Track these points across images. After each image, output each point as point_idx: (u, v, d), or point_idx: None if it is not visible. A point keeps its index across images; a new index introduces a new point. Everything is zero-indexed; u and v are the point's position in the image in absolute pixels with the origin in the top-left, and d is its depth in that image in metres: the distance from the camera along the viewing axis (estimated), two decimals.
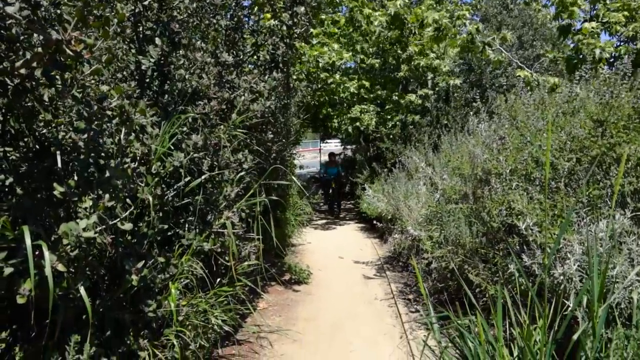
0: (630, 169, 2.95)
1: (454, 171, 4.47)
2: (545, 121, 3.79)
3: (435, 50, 10.32)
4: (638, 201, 2.90)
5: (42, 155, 2.26)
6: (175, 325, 2.87)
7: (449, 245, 3.96)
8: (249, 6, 4.70)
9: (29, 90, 2.01)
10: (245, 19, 4.62)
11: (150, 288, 2.72)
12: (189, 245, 3.18)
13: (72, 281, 2.01)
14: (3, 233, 1.87)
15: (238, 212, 3.55)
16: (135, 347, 2.65)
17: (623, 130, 3.01)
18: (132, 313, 2.68)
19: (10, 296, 1.96)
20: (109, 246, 2.18)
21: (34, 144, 2.31)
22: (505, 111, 4.36)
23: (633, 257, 2.68)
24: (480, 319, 1.93)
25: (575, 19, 6.10)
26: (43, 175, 2.24)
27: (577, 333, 1.77)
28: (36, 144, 2.30)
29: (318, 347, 4.02)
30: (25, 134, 2.31)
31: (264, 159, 4.65)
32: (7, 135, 2.35)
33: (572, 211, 2.86)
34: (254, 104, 3.91)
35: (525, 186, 3.23)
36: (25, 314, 2.15)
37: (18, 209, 2.09)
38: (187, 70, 3.41)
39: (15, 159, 2.28)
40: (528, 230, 2.90)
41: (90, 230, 1.94)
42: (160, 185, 2.97)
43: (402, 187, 7.14)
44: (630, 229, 2.75)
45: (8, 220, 1.89)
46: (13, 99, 1.97)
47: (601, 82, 4.00)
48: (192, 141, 3.00)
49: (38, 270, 1.93)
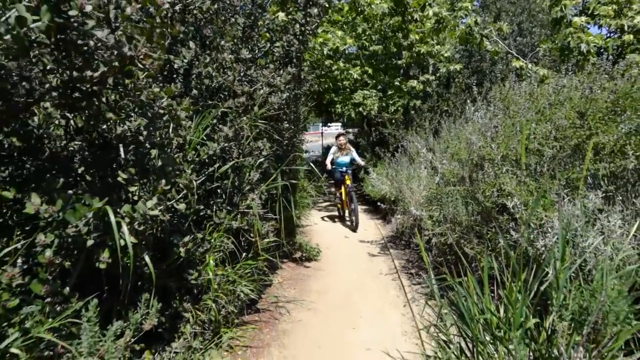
0: (605, 156, 3.39)
1: (452, 156, 4.90)
2: (533, 112, 4.21)
3: (435, 37, 10.63)
4: (610, 183, 3.34)
5: (105, 148, 2.70)
6: (212, 291, 3.34)
7: (447, 223, 4.42)
8: (264, 4, 5.07)
9: (97, 94, 2.44)
10: (260, 15, 4.99)
11: (191, 259, 3.18)
12: (220, 224, 3.63)
13: (139, 251, 2.46)
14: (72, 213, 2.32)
15: (259, 194, 4.01)
16: (181, 309, 3.13)
17: (600, 121, 3.44)
18: (176, 281, 3.14)
19: (88, 265, 2.42)
20: (167, 223, 2.63)
21: (97, 138, 2.74)
22: (499, 101, 4.77)
23: (604, 230, 3.13)
24: (470, 277, 2.39)
25: (568, 10, 6.47)
26: (107, 164, 2.68)
27: (544, 285, 2.23)
28: (99, 139, 2.74)
29: (330, 314, 4.50)
30: (89, 130, 2.75)
31: (279, 145, 5.08)
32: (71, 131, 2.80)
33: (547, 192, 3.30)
34: (271, 96, 4.33)
35: (514, 170, 3.67)
36: (98, 279, 2.62)
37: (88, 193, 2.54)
38: (215, 69, 3.82)
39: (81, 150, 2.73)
40: (515, 208, 3.35)
41: (154, 210, 2.39)
42: (194, 171, 3.41)
43: (404, 170, 7.57)
44: (602, 207, 3.19)
45: (82, 203, 2.33)
46: (87, 101, 2.40)
47: (585, 75, 4.43)
48: (224, 133, 3.44)
49: (110, 243, 2.39)
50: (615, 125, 3.32)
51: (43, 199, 2.06)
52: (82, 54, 2.11)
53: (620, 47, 6.08)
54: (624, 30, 5.86)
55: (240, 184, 3.85)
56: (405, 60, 11.03)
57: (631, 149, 3.18)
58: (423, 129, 9.09)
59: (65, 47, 1.94)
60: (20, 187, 2.38)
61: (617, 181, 3.35)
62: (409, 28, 10.71)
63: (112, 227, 2.23)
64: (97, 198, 2.13)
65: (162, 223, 2.65)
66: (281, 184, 4.35)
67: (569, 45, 6.06)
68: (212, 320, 3.41)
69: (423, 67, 11.51)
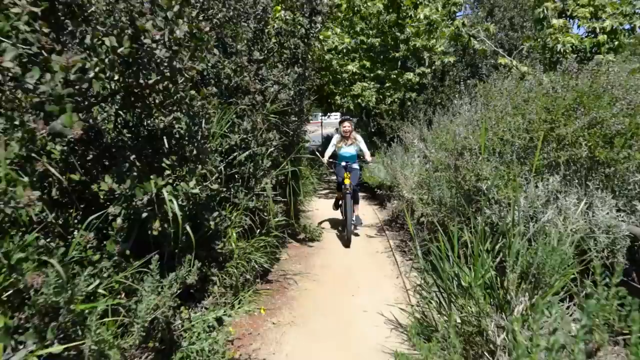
0: (565, 145, 4.01)
1: (441, 146, 5.52)
2: (511, 107, 4.82)
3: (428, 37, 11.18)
4: (568, 169, 3.97)
5: (152, 139, 3.31)
6: (235, 260, 3.98)
7: (434, 204, 5.05)
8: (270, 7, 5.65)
9: (148, 96, 3.05)
10: (269, 18, 5.57)
11: (218, 232, 3.81)
12: (239, 204, 4.26)
13: (182, 221, 3.08)
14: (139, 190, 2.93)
15: (271, 179, 4.63)
16: (209, 273, 3.77)
17: (562, 116, 4.05)
18: (205, 250, 3.77)
19: (140, 233, 3.04)
20: (204, 199, 3.25)
21: (144, 131, 3.36)
22: (482, 98, 5.38)
23: (561, 208, 3.76)
24: (442, 242, 3.03)
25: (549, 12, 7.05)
26: (153, 153, 3.29)
27: (498, 245, 2.87)
28: (146, 132, 3.35)
29: (333, 284, 5.15)
30: (138, 125, 3.36)
31: (286, 136, 5.70)
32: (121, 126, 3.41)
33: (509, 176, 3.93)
34: (281, 93, 4.94)
35: (489, 158, 4.29)
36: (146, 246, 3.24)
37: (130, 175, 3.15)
38: (232, 70, 4.42)
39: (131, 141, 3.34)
40: (489, 190, 3.98)
41: (195, 189, 3.01)
42: (217, 159, 4.03)
43: (399, 159, 8.21)
44: (560, 189, 3.82)
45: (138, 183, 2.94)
46: (141, 102, 3.01)
47: (559, 74, 5.04)
48: (244, 126, 4.06)
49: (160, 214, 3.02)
50: (573, 120, 3.93)
51: (114, 180, 2.68)
52: (144, 67, 2.72)
53: (596, 47, 6.67)
54: (597, 31, 6.47)
55: (255, 170, 4.47)
56: (402, 52, 11.60)
57: (584, 140, 3.81)
58: (418, 120, 9.66)
59: (133, 63, 2.54)
60: (88, 171, 2.99)
61: (574, 167, 3.98)
62: (404, 23, 11.28)
63: (163, 202, 2.85)
64: (160, 177, 2.75)
65: (200, 200, 3.27)
66: (290, 171, 4.96)
67: (548, 44, 6.66)
68: (232, 285, 4.05)
69: (419, 59, 12.06)
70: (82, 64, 1.98)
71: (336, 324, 4.11)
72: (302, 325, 4.12)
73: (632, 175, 3.87)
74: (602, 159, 3.80)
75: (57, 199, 2.91)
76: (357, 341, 3.76)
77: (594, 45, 6.63)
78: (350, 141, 7.33)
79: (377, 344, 3.62)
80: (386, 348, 3.53)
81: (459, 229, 4.36)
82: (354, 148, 7.36)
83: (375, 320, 4.10)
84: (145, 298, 2.58)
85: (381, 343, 3.63)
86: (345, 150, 7.33)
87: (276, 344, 3.74)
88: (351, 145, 7.33)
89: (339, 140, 7.40)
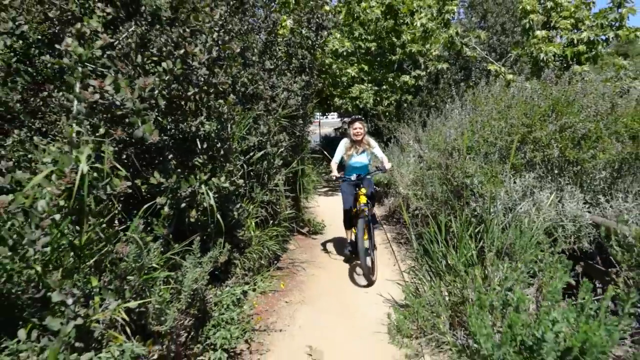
0: (540, 147, 4.61)
1: (433, 147, 6.12)
2: (496, 111, 5.42)
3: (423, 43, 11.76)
4: (542, 167, 4.57)
5: (186, 141, 3.88)
6: (253, 247, 4.56)
7: (427, 199, 5.65)
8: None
9: (185, 105, 3.63)
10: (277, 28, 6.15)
11: (239, 222, 4.39)
12: (255, 198, 4.84)
13: (215, 211, 3.66)
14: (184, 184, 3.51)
15: (283, 176, 5.22)
16: (232, 257, 4.35)
17: (538, 121, 4.65)
18: (229, 237, 4.35)
19: (178, 221, 3.62)
20: (230, 192, 3.83)
21: (179, 134, 3.93)
22: (470, 103, 5.99)
23: (535, 201, 4.36)
24: (433, 229, 3.62)
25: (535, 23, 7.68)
26: (187, 153, 3.87)
27: (480, 231, 3.47)
28: (180, 134, 3.92)
29: (337, 271, 5.74)
30: (174, 129, 3.93)
31: (293, 137, 6.28)
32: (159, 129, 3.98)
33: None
34: (290, 99, 5.52)
35: (475, 157, 4.89)
36: (182, 232, 3.81)
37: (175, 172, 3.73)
38: (249, 80, 5.00)
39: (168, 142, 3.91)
40: (474, 186, 4.58)
41: (225, 183, 3.59)
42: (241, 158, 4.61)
43: (395, 158, 8.81)
44: (536, 184, 4.43)
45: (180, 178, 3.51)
46: (180, 110, 3.58)
47: (541, 81, 5.64)
48: (261, 129, 4.64)
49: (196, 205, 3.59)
50: (547, 125, 4.53)
51: (161, 175, 3.25)
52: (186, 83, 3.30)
53: (577, 55, 7.29)
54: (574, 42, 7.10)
55: (268, 168, 5.05)
56: (399, 56, 12.18)
57: (555, 142, 4.41)
58: (413, 122, 10.24)
59: (183, 80, 3.13)
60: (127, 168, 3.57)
61: (548, 165, 4.58)
62: (401, 29, 11.87)
63: (199, 195, 3.43)
64: (202, 173, 3.33)
65: (228, 193, 3.85)
66: (299, 169, 5.55)
67: (532, 53, 7.28)
68: (251, 268, 4.63)
69: (415, 62, 12.63)
70: (154, 84, 2.56)
71: (341, 303, 4.70)
72: (311, 304, 4.70)
73: (597, 172, 4.47)
74: (572, 158, 4.41)
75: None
76: (359, 315, 4.36)
77: (574, 54, 7.25)
78: (363, 147, 5.82)
79: (376, 318, 4.22)
80: (384, 321, 4.12)
81: (448, 219, 4.98)
82: (366, 156, 5.90)
83: (375, 300, 4.69)
84: (189, 272, 3.16)
85: (379, 317, 4.23)
86: (357, 160, 5.82)
87: (290, 318, 4.33)
88: (363, 152, 5.84)
89: (349, 147, 5.81)
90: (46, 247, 1.96)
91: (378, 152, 5.87)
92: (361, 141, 5.77)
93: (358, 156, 5.78)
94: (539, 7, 7.67)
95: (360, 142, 5.77)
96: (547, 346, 1.73)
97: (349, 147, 5.79)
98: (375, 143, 5.96)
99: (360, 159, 5.81)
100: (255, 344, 3.79)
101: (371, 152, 5.89)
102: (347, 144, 5.81)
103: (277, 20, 5.75)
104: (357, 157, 5.78)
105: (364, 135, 5.77)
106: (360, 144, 5.78)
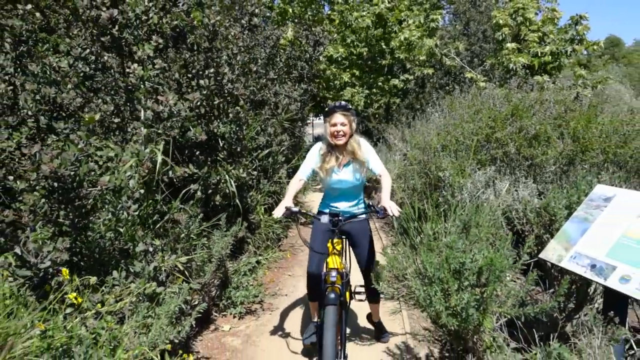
0: (501, 145, 5.54)
1: (415, 145, 7.05)
2: (468, 115, 6.36)
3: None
4: (502, 162, 5.51)
5: (210, 140, 4.77)
6: (262, 228, 5.46)
7: (409, 190, 6.58)
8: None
9: (209, 112, 4.51)
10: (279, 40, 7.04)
11: (251, 207, 5.29)
12: (262, 188, 5.74)
13: (235, 197, 4.54)
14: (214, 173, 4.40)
15: (285, 170, 6.12)
16: (246, 235, 5.24)
17: (500, 124, 5.59)
18: (243, 219, 5.24)
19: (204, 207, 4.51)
20: (245, 182, 4.73)
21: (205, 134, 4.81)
22: (447, 107, 6.92)
23: (496, 190, 5.29)
24: (409, 208, 4.54)
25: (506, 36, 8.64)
26: (211, 149, 4.76)
27: (444, 208, 4.39)
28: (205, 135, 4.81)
29: None
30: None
31: (293, 137, 7.19)
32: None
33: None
34: (291, 105, 6.43)
35: (448, 154, 5.82)
36: (206, 214, 4.69)
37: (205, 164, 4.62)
38: (257, 89, 5.89)
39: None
40: (446, 178, 5.51)
41: (243, 173, 4.48)
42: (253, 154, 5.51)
43: (383, 156, 9.74)
44: (496, 176, 5.36)
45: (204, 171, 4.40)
46: (207, 117, 4.47)
47: (507, 89, 6.59)
48: (268, 131, 5.54)
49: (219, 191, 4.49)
50: (506, 127, 5.47)
51: (194, 166, 4.14)
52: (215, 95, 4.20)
53: (543, 65, 8.26)
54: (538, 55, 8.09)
55: (273, 164, 5.95)
56: (388, 61, 13.11)
57: (512, 141, 5.35)
58: (401, 123, 11.15)
59: (214, 92, 4.02)
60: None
61: (506, 160, 5.53)
62: (390, 37, 12.80)
63: (223, 183, 4.33)
64: (229, 165, 4.23)
65: (244, 182, 4.75)
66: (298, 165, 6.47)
67: (503, 63, 8.25)
68: (259, 246, 5.53)
69: (404, 66, 13.54)
70: (200, 97, 3.44)
71: None
72: None
73: (548, 166, 5.42)
74: (526, 154, 5.34)
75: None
76: (352, 284, 5.26)
77: (541, 64, 8.22)
78: (348, 156, 3.34)
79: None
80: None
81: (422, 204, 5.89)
82: (353, 172, 3.39)
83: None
84: (217, 241, 4.06)
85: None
86: (339, 178, 3.39)
87: (293, 287, 5.24)
88: (348, 165, 3.37)
89: (326, 155, 3.34)
90: (135, 212, 2.84)
91: (374, 164, 3.36)
92: (345, 146, 3.30)
93: (341, 171, 3.36)
94: (511, 21, 8.63)
95: (343, 148, 3.31)
96: (467, 268, 2.69)
97: (325, 155, 3.34)
98: (370, 147, 3.43)
99: (344, 175, 3.38)
100: (266, 304, 4.69)
101: (364, 164, 3.34)
102: (323, 150, 3.37)
103: (280, 36, 6.66)
104: (339, 174, 3.36)
105: (349, 135, 3.28)
106: (343, 151, 3.32)
